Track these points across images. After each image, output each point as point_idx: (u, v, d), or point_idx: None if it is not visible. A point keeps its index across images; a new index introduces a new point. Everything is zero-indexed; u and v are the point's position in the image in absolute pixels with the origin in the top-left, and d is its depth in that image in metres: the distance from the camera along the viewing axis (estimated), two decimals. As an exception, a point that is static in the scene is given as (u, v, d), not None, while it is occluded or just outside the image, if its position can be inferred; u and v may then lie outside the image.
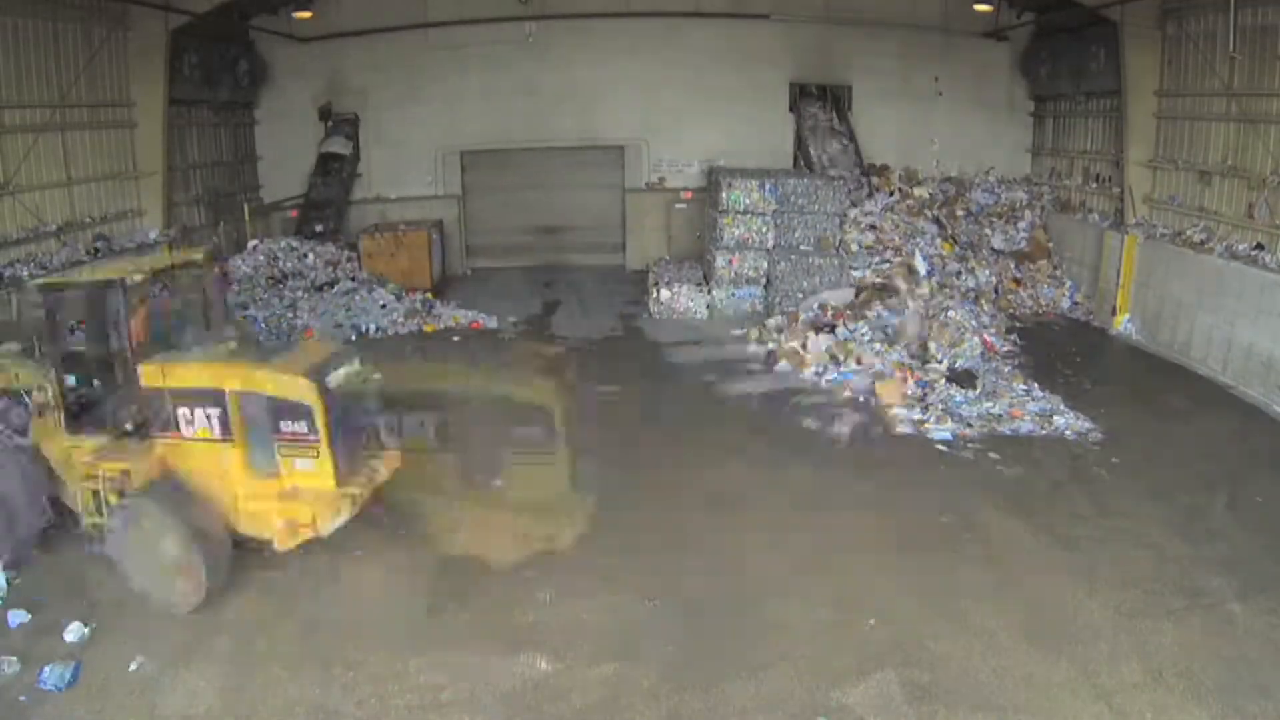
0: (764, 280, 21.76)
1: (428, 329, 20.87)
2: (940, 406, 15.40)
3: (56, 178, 17.81)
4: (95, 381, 10.41)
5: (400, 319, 21.12)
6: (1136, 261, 19.92)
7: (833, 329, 18.60)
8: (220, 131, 24.24)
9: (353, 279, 22.69)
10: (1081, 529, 11.53)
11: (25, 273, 16.21)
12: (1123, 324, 20.14)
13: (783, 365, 17.92)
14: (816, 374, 17.26)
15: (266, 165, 26.23)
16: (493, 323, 21.42)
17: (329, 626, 9.47)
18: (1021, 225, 24.38)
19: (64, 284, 10.73)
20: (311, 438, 9.70)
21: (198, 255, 11.65)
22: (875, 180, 24.31)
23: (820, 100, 26.14)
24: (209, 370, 9.91)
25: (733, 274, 21.90)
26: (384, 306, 21.48)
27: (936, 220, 23.84)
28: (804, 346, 18.05)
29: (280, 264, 22.94)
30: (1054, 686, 8.50)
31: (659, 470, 13.31)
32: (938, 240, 23.06)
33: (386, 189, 26.68)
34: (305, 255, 23.60)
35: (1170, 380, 17.33)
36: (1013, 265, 23.43)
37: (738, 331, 20.42)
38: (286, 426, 9.70)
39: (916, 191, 24.92)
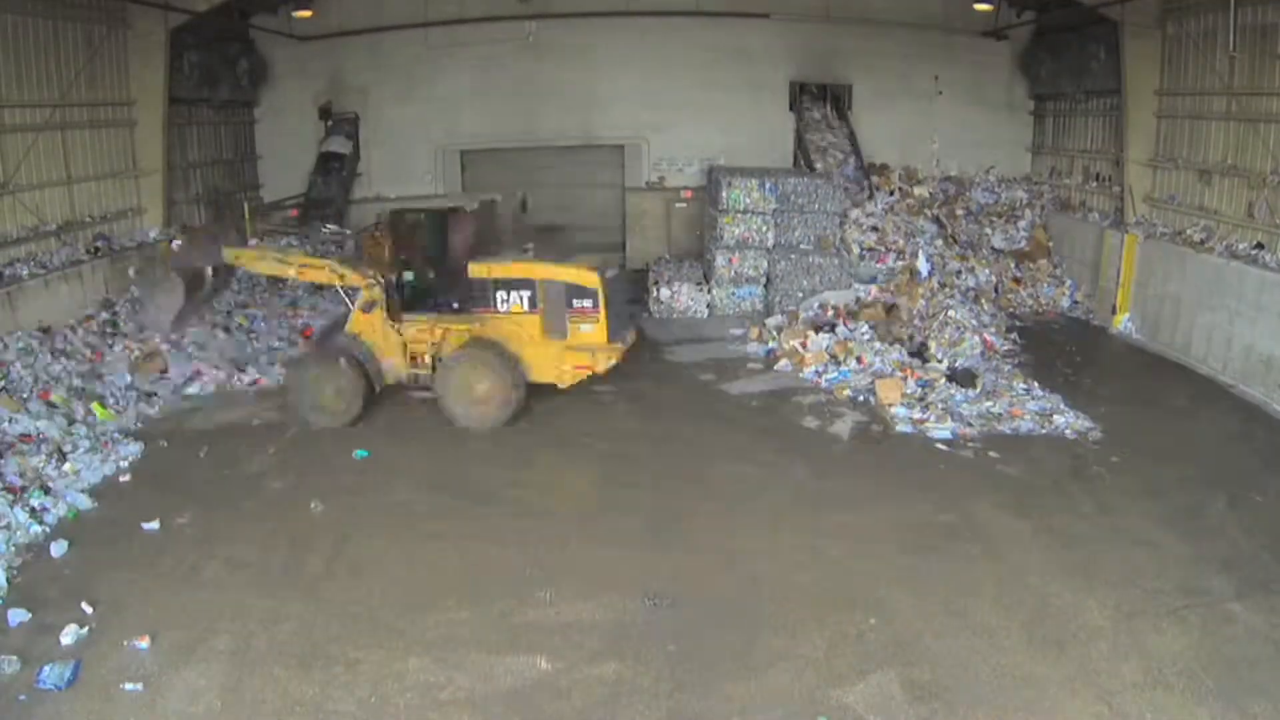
0: (764, 279, 21.75)
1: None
2: (940, 405, 15.41)
3: (56, 176, 17.79)
4: (431, 275, 15.27)
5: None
6: (1136, 260, 19.90)
7: (833, 328, 18.62)
8: (220, 130, 24.24)
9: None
10: (1082, 527, 11.55)
11: (25, 272, 16.23)
12: (1123, 323, 20.13)
13: (783, 364, 17.94)
14: (816, 373, 17.24)
15: (267, 164, 26.23)
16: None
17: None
18: (1022, 225, 24.39)
19: (407, 211, 15.85)
20: (594, 311, 14.37)
21: (494, 197, 17.19)
22: (876, 179, 24.28)
23: (820, 99, 26.13)
24: (525, 267, 14.54)
25: (733, 273, 21.89)
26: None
27: (936, 219, 23.84)
28: (804, 345, 18.07)
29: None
30: (1054, 685, 8.51)
31: (658, 469, 13.34)
32: (938, 240, 23.05)
33: (386, 188, 26.61)
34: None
35: (1170, 379, 17.34)
36: (1013, 264, 23.42)
37: (738, 330, 20.45)
38: (577, 303, 14.36)
39: (916, 191, 24.91)
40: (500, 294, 14.40)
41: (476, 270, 14.48)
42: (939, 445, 14.21)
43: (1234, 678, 8.55)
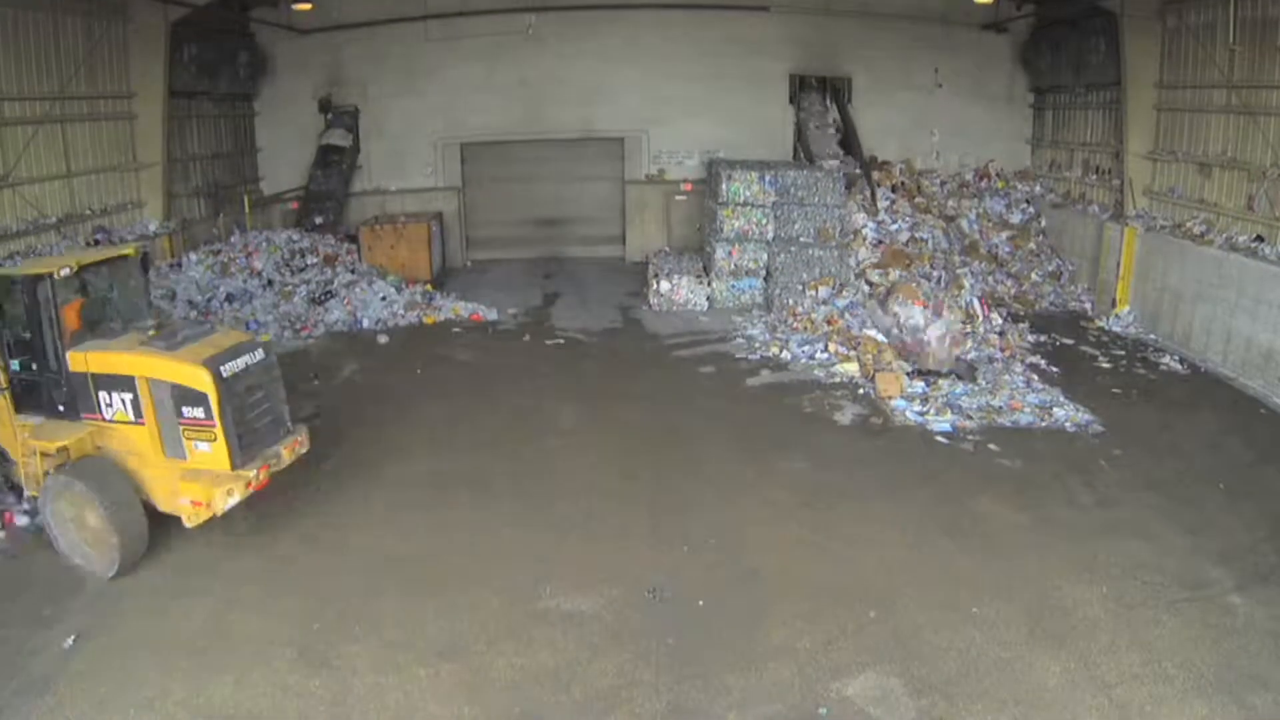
0: (764, 272, 21.77)
1: (428, 321, 20.87)
2: (940, 399, 15.42)
3: (56, 170, 17.79)
4: (34, 366, 10.83)
5: (400, 311, 21.12)
6: (1136, 253, 19.93)
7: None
8: (220, 123, 24.21)
9: (352, 271, 22.64)
10: (1081, 520, 11.57)
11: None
12: (1123, 315, 20.14)
13: (784, 355, 18.05)
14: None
15: (266, 157, 26.21)
16: (493, 314, 21.41)
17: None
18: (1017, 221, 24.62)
19: (3, 276, 11.09)
20: (209, 423, 10.24)
21: (129, 250, 12.02)
22: (876, 175, 24.24)
23: (820, 92, 26.11)
24: (122, 358, 10.48)
25: (732, 266, 21.90)
26: (384, 299, 21.45)
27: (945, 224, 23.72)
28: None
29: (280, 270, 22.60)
30: (1054, 678, 8.53)
31: (658, 462, 13.35)
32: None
33: (386, 181, 26.66)
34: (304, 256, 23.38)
35: (1170, 372, 17.33)
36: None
37: (738, 318, 20.75)
38: (188, 412, 10.28)
39: (923, 185, 24.95)
40: (102, 394, 10.59)
41: (75, 361, 10.65)
42: (938, 438, 14.23)
43: (1233, 670, 8.58)
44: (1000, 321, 19.14)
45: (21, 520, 11.27)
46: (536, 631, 9.32)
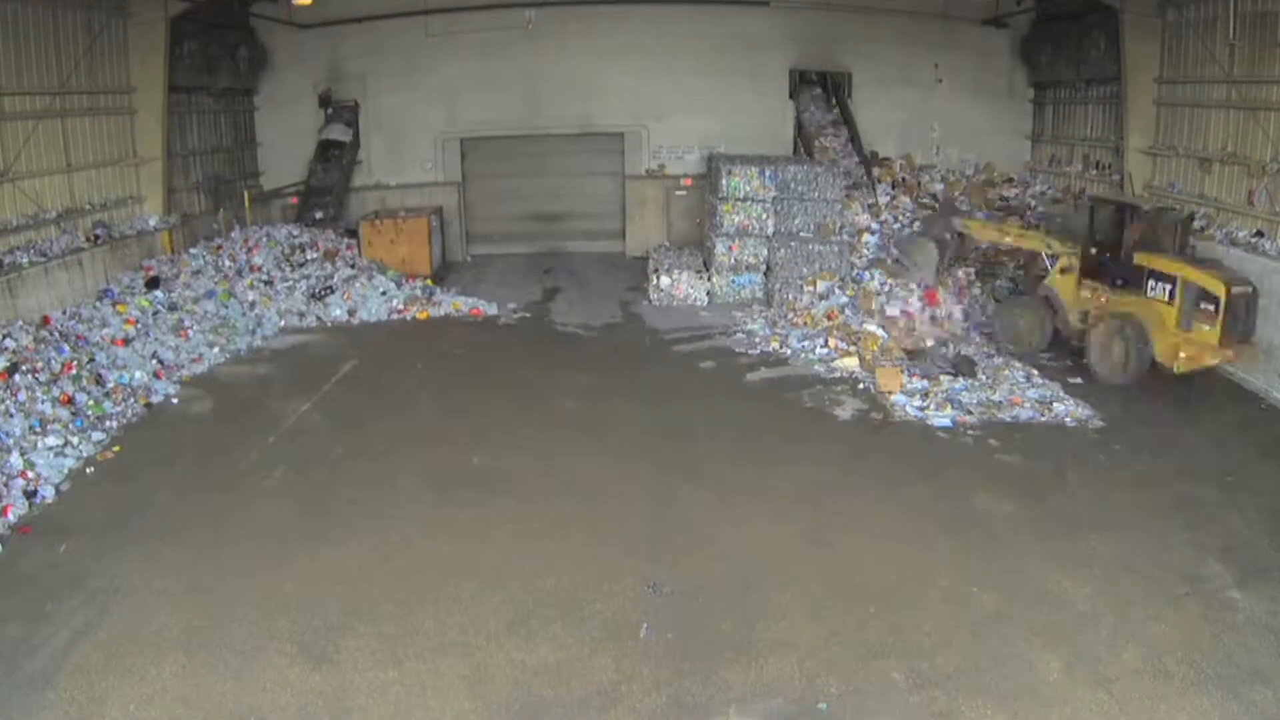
0: (764, 267, 21.76)
1: (421, 316, 20.82)
2: (941, 394, 15.42)
3: (56, 164, 17.79)
4: (1107, 256, 17.10)
5: (400, 305, 21.11)
6: (1138, 249, 19.95)
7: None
8: (220, 118, 24.20)
9: (352, 266, 22.61)
10: (1081, 515, 11.57)
11: (25, 260, 16.22)
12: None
13: (784, 350, 18.09)
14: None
15: (266, 152, 26.21)
16: (493, 309, 21.41)
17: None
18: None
19: (1104, 201, 18.37)
20: (1214, 315, 15.25)
21: (1173, 207, 18.09)
22: (877, 171, 24.21)
23: (820, 87, 26.08)
24: (1173, 264, 16.00)
25: (733, 261, 21.89)
26: (384, 293, 21.45)
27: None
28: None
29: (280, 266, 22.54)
30: (1054, 673, 8.53)
31: (659, 458, 13.34)
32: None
33: (386, 176, 26.66)
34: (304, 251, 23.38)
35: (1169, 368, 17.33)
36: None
37: (738, 313, 20.79)
38: (1203, 305, 15.43)
39: (924, 183, 24.91)
40: (1150, 282, 16.14)
41: (1140, 259, 16.39)
42: (939, 433, 14.23)
43: (1234, 665, 8.58)
44: None
45: (16, 516, 11.30)
46: (537, 626, 9.32)
